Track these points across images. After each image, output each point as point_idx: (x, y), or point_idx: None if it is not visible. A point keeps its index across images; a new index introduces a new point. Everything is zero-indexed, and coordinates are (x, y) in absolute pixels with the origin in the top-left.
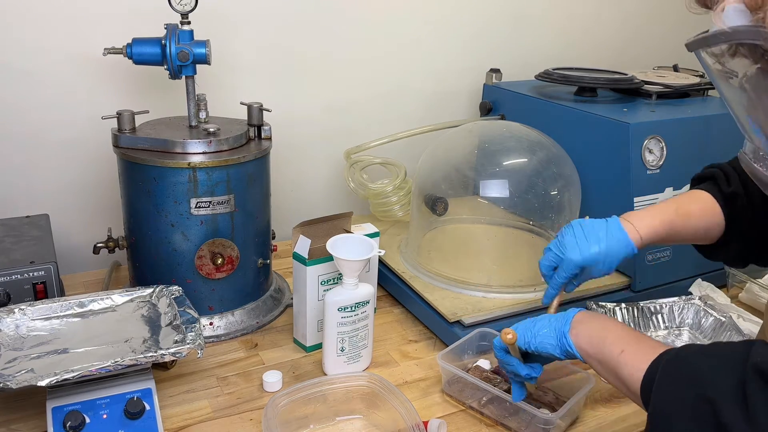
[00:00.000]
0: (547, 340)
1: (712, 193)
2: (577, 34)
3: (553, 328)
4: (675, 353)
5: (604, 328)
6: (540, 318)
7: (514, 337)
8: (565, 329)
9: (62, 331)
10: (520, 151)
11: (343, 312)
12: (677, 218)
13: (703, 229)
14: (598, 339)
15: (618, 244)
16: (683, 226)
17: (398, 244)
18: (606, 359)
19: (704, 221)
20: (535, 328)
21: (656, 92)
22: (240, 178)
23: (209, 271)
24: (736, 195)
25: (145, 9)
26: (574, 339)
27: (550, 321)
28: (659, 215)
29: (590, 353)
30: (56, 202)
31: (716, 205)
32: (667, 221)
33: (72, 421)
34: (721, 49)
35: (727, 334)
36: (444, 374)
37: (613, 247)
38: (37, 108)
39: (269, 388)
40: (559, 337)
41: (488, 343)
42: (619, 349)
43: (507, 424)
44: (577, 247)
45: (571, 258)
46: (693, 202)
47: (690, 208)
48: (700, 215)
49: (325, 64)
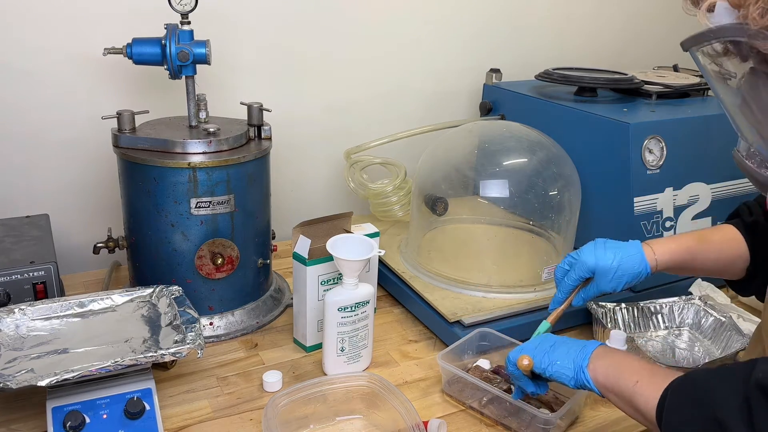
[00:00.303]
0: (564, 371)
1: (736, 225)
2: (577, 34)
3: (571, 360)
4: (683, 377)
5: (621, 362)
6: (558, 343)
7: (530, 365)
8: (583, 364)
9: (62, 331)
10: (520, 151)
11: (343, 312)
12: (696, 245)
13: (725, 258)
14: (615, 373)
15: (632, 259)
16: (702, 252)
17: (398, 244)
18: (622, 391)
19: (727, 250)
20: (553, 355)
21: (656, 92)
22: (240, 178)
23: (209, 271)
24: (757, 223)
25: (145, 9)
26: (592, 374)
27: (568, 351)
28: (678, 240)
29: (607, 387)
30: (56, 202)
31: (739, 235)
32: (685, 246)
33: (72, 421)
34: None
35: (727, 334)
36: (444, 374)
37: (627, 262)
38: (37, 108)
39: (269, 388)
40: (577, 370)
41: (488, 343)
42: (634, 380)
43: (507, 424)
44: (593, 252)
45: (584, 260)
46: (716, 232)
47: (711, 237)
48: (722, 244)
49: (325, 64)
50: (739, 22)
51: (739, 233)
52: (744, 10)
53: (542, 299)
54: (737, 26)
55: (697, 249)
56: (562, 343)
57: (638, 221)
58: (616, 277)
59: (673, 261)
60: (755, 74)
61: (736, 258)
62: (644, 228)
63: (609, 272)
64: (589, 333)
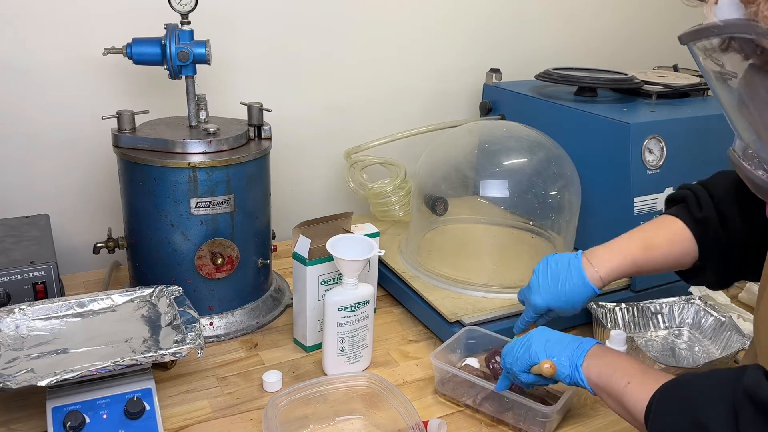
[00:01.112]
0: (560, 369)
1: (683, 219)
2: (577, 34)
3: (567, 357)
4: (673, 380)
5: (614, 362)
6: (553, 339)
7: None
8: (578, 362)
9: (62, 331)
10: (520, 151)
11: (343, 312)
12: (642, 253)
13: (673, 258)
14: (607, 372)
15: (577, 288)
16: (648, 260)
17: (398, 244)
18: (613, 391)
19: (675, 251)
20: (551, 350)
21: (656, 92)
22: (240, 178)
23: (209, 271)
24: (708, 219)
25: (145, 9)
26: (586, 372)
27: (564, 348)
28: (623, 252)
29: (599, 385)
30: (56, 202)
31: (687, 231)
32: (630, 259)
33: (72, 421)
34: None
35: (727, 334)
36: (437, 374)
37: (574, 292)
38: (37, 108)
39: (269, 388)
40: (572, 368)
41: (475, 341)
42: (625, 381)
43: (504, 420)
44: (539, 290)
45: (535, 302)
46: (662, 231)
47: (657, 240)
48: (669, 246)
49: (326, 64)
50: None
51: (687, 229)
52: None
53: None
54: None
55: (642, 259)
56: (558, 339)
57: (638, 221)
58: (568, 307)
59: (618, 274)
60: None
61: (684, 255)
62: None
63: (559, 306)
64: (589, 333)
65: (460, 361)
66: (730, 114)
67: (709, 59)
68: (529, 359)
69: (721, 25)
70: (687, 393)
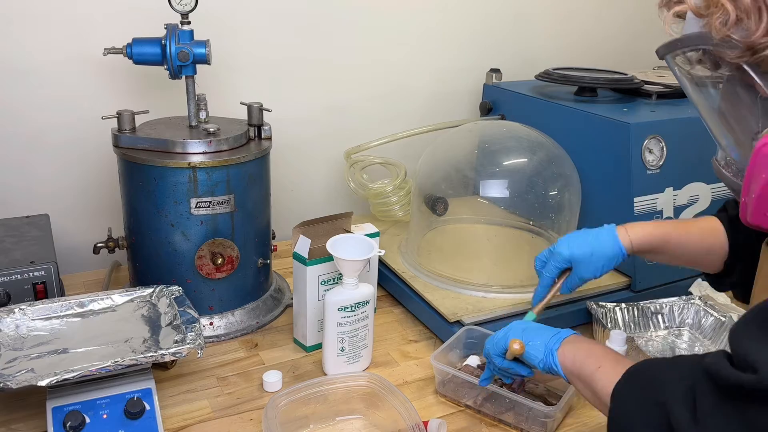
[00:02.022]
0: (534, 353)
1: (719, 216)
2: (577, 34)
3: (543, 343)
4: (639, 363)
5: (589, 349)
6: (531, 328)
7: (521, 348)
8: (554, 347)
9: (62, 331)
10: (520, 151)
11: (343, 312)
12: (674, 230)
13: (703, 248)
14: (581, 357)
15: (605, 245)
16: (679, 238)
17: (398, 244)
18: (584, 375)
19: (704, 241)
20: (526, 336)
21: (656, 92)
22: (240, 178)
23: (209, 271)
24: None
25: (145, 9)
26: (560, 357)
27: (542, 335)
28: (655, 224)
29: (572, 371)
30: (56, 202)
31: (720, 227)
32: (662, 231)
33: (72, 421)
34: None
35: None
36: (437, 375)
37: (601, 247)
38: (37, 108)
39: (269, 388)
40: (547, 353)
41: (475, 340)
42: (596, 365)
43: (505, 420)
44: (566, 242)
45: (559, 251)
46: (697, 222)
47: (691, 226)
48: (701, 233)
49: (326, 64)
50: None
51: (722, 225)
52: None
53: None
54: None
55: (674, 234)
56: (535, 328)
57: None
58: (592, 263)
59: (648, 243)
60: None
61: (714, 249)
62: None
63: (584, 260)
64: (589, 333)
65: (460, 361)
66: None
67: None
68: (504, 344)
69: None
70: (650, 374)
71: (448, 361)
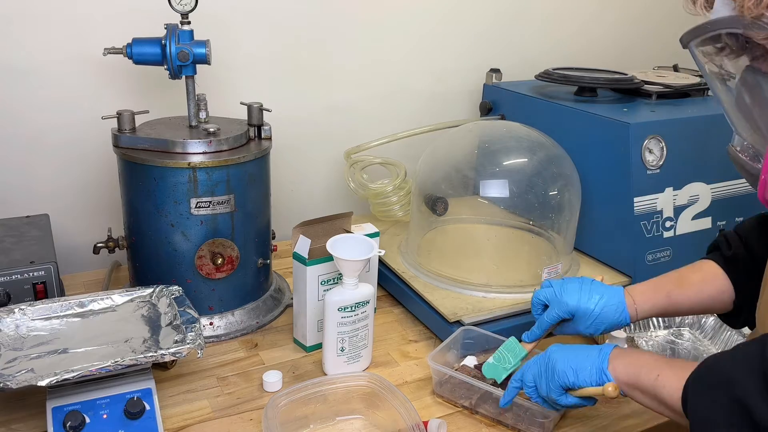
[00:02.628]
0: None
1: (715, 259)
2: (577, 34)
3: (593, 365)
4: (702, 363)
5: (638, 360)
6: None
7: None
8: (603, 365)
9: (62, 331)
10: (520, 151)
11: (343, 312)
12: (676, 289)
13: (708, 296)
14: (634, 370)
15: (613, 308)
16: (682, 295)
17: (398, 244)
18: (645, 387)
19: (708, 288)
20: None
21: (656, 92)
22: (240, 178)
23: (209, 271)
24: (737, 256)
25: (145, 9)
26: (613, 373)
27: (588, 357)
28: (657, 286)
29: (629, 384)
30: (56, 202)
31: (719, 270)
32: (665, 292)
33: (72, 421)
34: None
35: (727, 334)
36: (434, 375)
37: (608, 310)
38: (37, 108)
39: (269, 388)
40: (599, 373)
41: (472, 340)
42: (654, 374)
43: (503, 421)
44: (577, 294)
45: (566, 302)
46: (696, 271)
47: (691, 278)
48: (702, 283)
49: (326, 64)
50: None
51: (720, 269)
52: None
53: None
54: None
55: (676, 293)
56: (576, 350)
57: (638, 221)
58: (595, 324)
59: (653, 309)
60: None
61: (719, 294)
62: (644, 228)
63: (589, 317)
64: None
65: (457, 362)
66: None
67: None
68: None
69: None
70: (718, 373)
71: (445, 362)
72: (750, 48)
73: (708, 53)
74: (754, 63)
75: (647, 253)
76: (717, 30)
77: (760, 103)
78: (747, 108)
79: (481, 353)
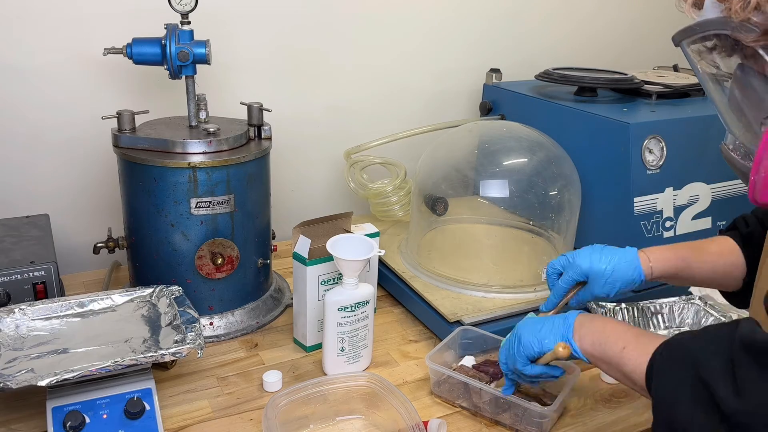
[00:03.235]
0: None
1: (732, 236)
2: (577, 34)
3: (557, 334)
4: (670, 340)
5: (605, 329)
6: (539, 322)
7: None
8: (568, 334)
9: (62, 331)
10: (520, 151)
11: (343, 312)
12: (692, 254)
13: (721, 269)
14: (600, 340)
15: (626, 265)
16: (698, 261)
17: (398, 244)
18: (609, 358)
19: (723, 261)
20: (540, 334)
21: (656, 92)
22: (240, 178)
23: (209, 271)
24: (753, 234)
25: (145, 9)
26: (578, 343)
27: (552, 326)
28: (674, 248)
29: (594, 354)
30: (56, 202)
31: (735, 246)
32: (681, 255)
33: (72, 421)
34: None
35: None
36: (432, 375)
37: (621, 267)
38: (37, 108)
39: (269, 388)
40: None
41: (470, 340)
42: (620, 346)
43: (501, 421)
44: (587, 255)
45: (579, 264)
46: (712, 243)
47: (708, 247)
48: (718, 254)
49: (326, 64)
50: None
51: (736, 244)
52: (727, 3)
53: (542, 299)
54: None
55: (692, 258)
56: (542, 321)
57: (638, 221)
58: (609, 282)
59: (668, 268)
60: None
61: (732, 269)
62: (644, 228)
63: (602, 277)
64: None
65: (455, 362)
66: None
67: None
68: (527, 350)
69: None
70: (685, 352)
71: (443, 362)
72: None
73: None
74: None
75: None
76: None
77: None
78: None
79: (479, 353)
